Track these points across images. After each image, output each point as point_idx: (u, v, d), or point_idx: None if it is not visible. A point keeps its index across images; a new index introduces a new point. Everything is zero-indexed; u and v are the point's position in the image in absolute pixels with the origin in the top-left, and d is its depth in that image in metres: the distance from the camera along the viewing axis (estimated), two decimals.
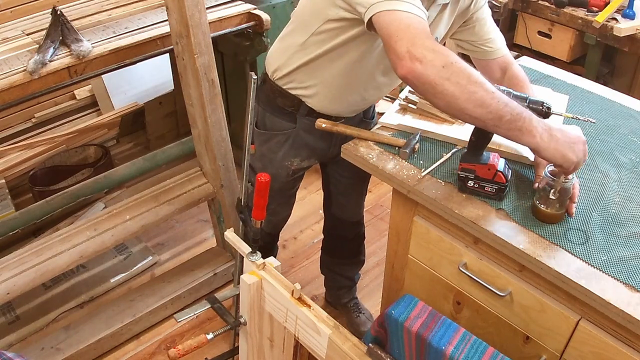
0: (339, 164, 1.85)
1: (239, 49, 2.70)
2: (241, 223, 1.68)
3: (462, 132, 1.56)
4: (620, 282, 1.19)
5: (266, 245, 2.07)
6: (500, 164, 1.36)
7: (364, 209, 2.21)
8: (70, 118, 3.47)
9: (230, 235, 1.54)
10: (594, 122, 1.34)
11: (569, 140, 1.22)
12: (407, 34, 1.20)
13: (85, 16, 2.33)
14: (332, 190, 2.11)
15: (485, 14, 1.63)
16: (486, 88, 1.17)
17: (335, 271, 2.38)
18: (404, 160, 1.50)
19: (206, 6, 1.95)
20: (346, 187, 2.05)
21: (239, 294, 1.53)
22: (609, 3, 2.85)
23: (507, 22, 3.41)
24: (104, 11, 2.40)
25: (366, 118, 1.83)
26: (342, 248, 2.29)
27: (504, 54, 1.64)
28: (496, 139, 1.35)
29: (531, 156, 1.49)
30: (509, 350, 1.35)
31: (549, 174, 1.29)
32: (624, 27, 2.72)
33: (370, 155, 1.53)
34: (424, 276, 1.57)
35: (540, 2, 3.03)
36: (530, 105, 1.25)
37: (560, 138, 1.21)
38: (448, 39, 1.69)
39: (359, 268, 2.39)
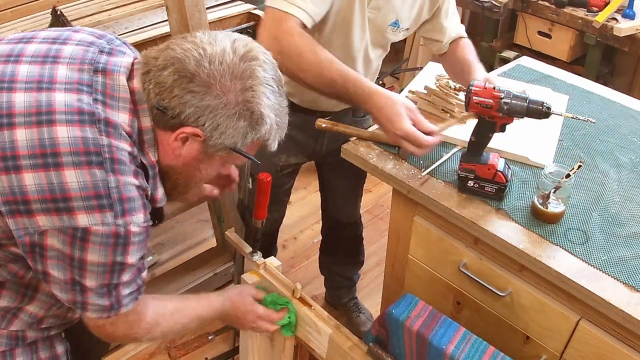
0: (334, 170, 1.84)
1: None
2: (242, 223, 1.67)
3: (462, 132, 1.56)
4: (620, 282, 1.19)
5: (264, 246, 2.06)
6: (500, 164, 1.36)
7: (365, 209, 2.21)
8: None
9: (231, 235, 1.54)
10: (594, 122, 1.34)
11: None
12: (273, 28, 1.33)
13: (85, 16, 2.33)
14: (328, 194, 2.11)
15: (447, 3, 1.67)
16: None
17: (335, 271, 2.38)
18: (404, 161, 1.50)
19: (206, 6, 1.95)
20: (342, 192, 2.05)
21: None
22: (609, 3, 2.85)
23: (507, 22, 3.41)
24: (104, 11, 2.40)
25: (356, 116, 1.84)
26: (340, 249, 2.29)
27: (452, 39, 1.71)
28: (496, 139, 1.36)
29: (531, 156, 1.49)
30: (509, 350, 1.35)
31: (549, 174, 1.29)
32: (624, 27, 2.72)
33: (370, 155, 1.53)
34: (424, 276, 1.57)
35: (540, 2, 3.03)
36: (530, 105, 1.26)
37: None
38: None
39: (358, 268, 2.39)
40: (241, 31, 2.45)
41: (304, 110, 1.67)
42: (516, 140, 1.51)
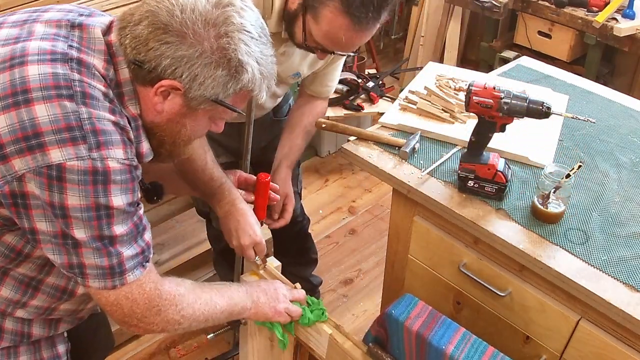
0: (262, 165, 1.81)
1: None
2: None
3: (462, 132, 1.56)
4: (620, 282, 1.19)
5: (229, 247, 2.01)
6: (500, 164, 1.36)
7: (365, 209, 2.20)
8: None
9: None
10: (594, 122, 1.34)
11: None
12: None
13: None
14: None
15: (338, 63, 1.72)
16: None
17: (291, 272, 2.34)
18: (404, 160, 1.50)
19: None
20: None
21: None
22: (609, 3, 2.85)
23: (507, 22, 3.41)
24: (103, 11, 2.39)
25: (277, 117, 1.83)
26: (290, 248, 2.22)
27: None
28: (496, 139, 1.35)
29: (531, 156, 1.49)
30: (509, 350, 1.35)
31: (549, 174, 1.29)
32: (624, 27, 2.72)
33: (370, 155, 1.53)
34: (424, 276, 1.57)
35: (540, 2, 3.03)
36: (530, 105, 1.26)
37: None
38: None
39: (312, 267, 2.34)
40: None
41: None
42: (516, 140, 1.51)
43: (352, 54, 1.56)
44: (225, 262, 2.16)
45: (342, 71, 1.89)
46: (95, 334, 1.44)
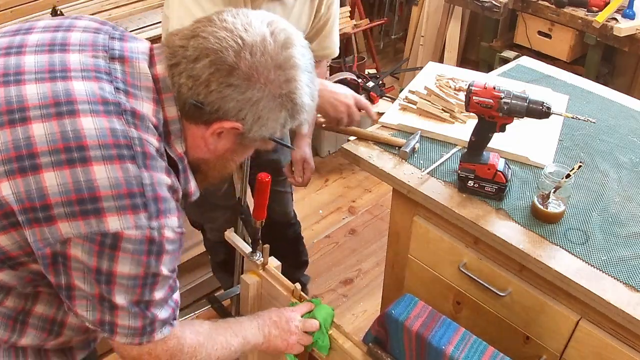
0: (256, 168, 1.81)
1: None
2: (241, 223, 1.68)
3: (462, 132, 1.56)
4: (620, 282, 1.19)
5: (230, 256, 1.99)
6: (500, 164, 1.36)
7: (365, 209, 2.20)
8: None
9: (230, 235, 1.54)
10: (594, 122, 1.34)
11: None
12: None
13: None
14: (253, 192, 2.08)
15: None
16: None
17: (283, 275, 2.34)
18: (404, 160, 1.50)
19: None
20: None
21: (239, 294, 1.53)
22: (609, 3, 2.85)
23: (507, 22, 3.41)
24: (104, 11, 2.40)
25: None
26: (281, 251, 2.23)
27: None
28: (496, 139, 1.35)
29: (531, 156, 1.49)
30: (509, 350, 1.35)
31: (549, 174, 1.29)
32: (624, 27, 2.72)
33: (370, 155, 1.53)
34: (424, 276, 1.57)
35: (540, 2, 3.03)
36: (530, 105, 1.26)
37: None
38: None
39: (303, 269, 2.35)
40: None
41: None
42: (516, 140, 1.51)
43: None
44: (223, 271, 2.16)
45: (342, 71, 1.89)
46: None
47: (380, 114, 1.68)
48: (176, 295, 0.99)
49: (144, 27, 2.23)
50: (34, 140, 0.82)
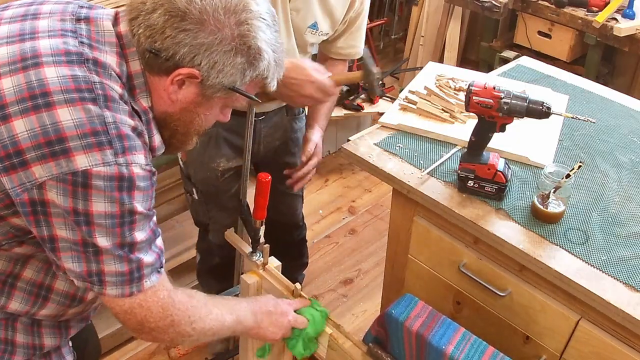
0: (272, 171, 1.81)
1: None
2: (241, 223, 1.68)
3: (462, 132, 1.56)
4: (620, 282, 1.19)
5: (225, 261, 1.98)
6: (500, 164, 1.36)
7: (365, 209, 2.20)
8: None
9: (230, 235, 1.54)
10: (594, 122, 1.34)
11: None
12: None
13: None
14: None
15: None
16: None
17: (283, 275, 2.34)
18: (404, 160, 1.50)
19: None
20: (282, 194, 1.97)
21: (239, 294, 1.53)
22: (609, 3, 2.85)
23: (507, 22, 3.41)
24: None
25: (290, 114, 1.83)
26: (285, 252, 2.23)
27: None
28: (496, 139, 1.35)
29: (531, 156, 1.49)
30: (509, 350, 1.35)
31: (549, 174, 1.29)
32: (624, 27, 2.72)
33: (370, 155, 1.53)
34: (424, 276, 1.57)
35: (540, 2, 3.03)
36: (530, 105, 1.26)
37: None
38: None
39: (302, 270, 2.37)
40: None
41: (237, 113, 1.63)
42: (516, 140, 1.51)
43: None
44: (212, 277, 2.15)
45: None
46: (86, 345, 1.43)
47: (380, 114, 1.68)
48: (159, 242, 1.02)
49: None
50: (3, 93, 0.88)
